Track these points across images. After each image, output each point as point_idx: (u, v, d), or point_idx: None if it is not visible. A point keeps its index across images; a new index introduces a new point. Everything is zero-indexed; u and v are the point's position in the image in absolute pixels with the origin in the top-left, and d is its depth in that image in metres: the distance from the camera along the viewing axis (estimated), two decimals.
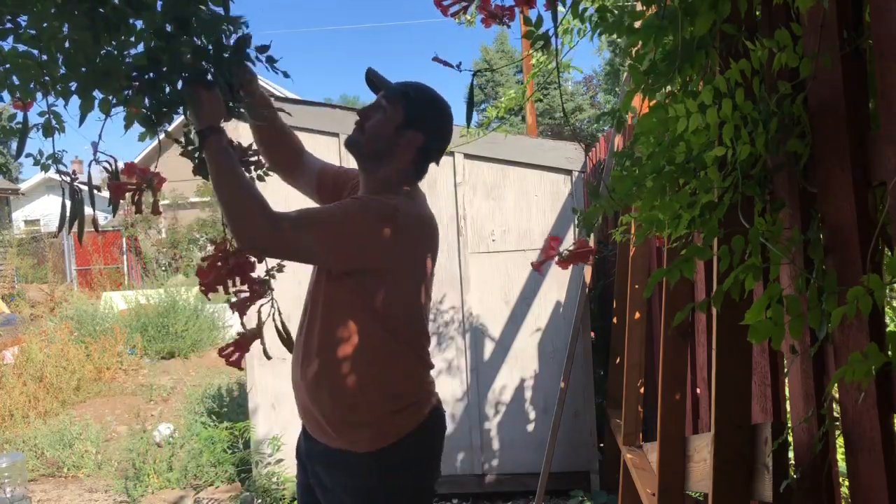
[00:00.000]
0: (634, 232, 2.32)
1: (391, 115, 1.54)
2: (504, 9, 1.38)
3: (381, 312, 1.47)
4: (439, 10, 1.41)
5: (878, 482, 0.94)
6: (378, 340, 1.48)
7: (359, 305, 1.47)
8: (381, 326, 1.48)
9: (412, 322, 1.54)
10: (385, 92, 1.57)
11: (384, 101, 1.55)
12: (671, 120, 1.07)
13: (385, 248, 1.44)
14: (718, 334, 1.32)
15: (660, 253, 2.64)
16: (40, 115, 1.19)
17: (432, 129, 1.57)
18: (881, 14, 0.90)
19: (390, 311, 1.48)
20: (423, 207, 1.57)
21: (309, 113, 3.73)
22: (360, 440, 1.49)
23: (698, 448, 1.76)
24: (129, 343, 7.59)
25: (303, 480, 1.66)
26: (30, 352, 6.57)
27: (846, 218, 0.99)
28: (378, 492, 1.50)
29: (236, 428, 4.04)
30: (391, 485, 1.50)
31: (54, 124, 1.19)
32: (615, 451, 3.17)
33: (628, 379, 2.78)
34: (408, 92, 1.55)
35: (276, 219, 1.38)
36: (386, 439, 1.49)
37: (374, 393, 1.49)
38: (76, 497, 4.25)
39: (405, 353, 1.52)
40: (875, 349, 0.84)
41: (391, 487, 1.50)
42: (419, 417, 1.53)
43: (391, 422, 1.50)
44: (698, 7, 1.12)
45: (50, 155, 1.25)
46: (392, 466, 1.50)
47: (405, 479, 1.52)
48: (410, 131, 1.53)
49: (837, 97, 1.00)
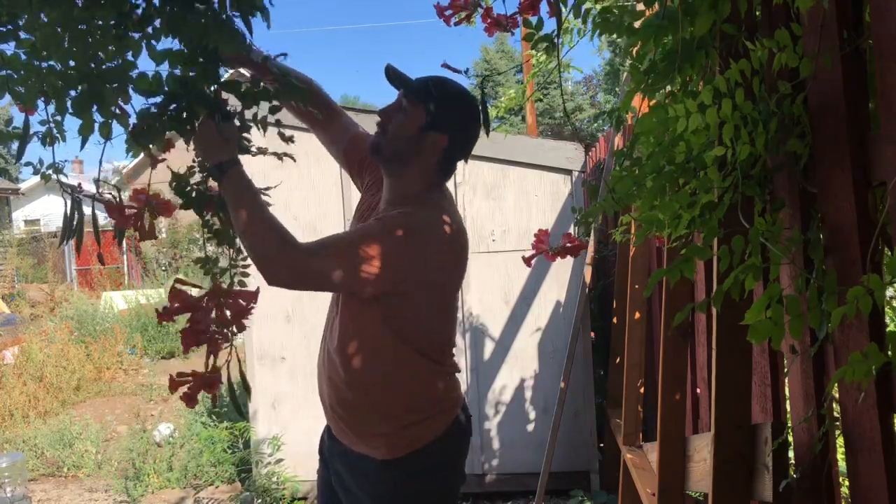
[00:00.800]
0: (634, 232, 2.32)
1: (413, 115, 1.44)
2: (508, 17, 1.37)
3: (403, 326, 1.44)
4: (441, 19, 1.41)
5: (878, 482, 0.94)
6: (399, 354, 1.45)
7: (380, 319, 1.43)
8: (402, 340, 1.45)
9: (437, 334, 1.52)
10: (406, 90, 1.47)
11: (405, 101, 1.46)
12: (671, 120, 1.07)
13: (412, 269, 1.40)
14: (718, 334, 1.32)
15: (660, 253, 2.64)
16: (41, 123, 1.17)
17: (458, 129, 1.48)
18: (881, 14, 0.90)
19: (413, 325, 1.45)
20: (451, 213, 1.49)
21: None
22: (380, 447, 1.48)
23: (698, 448, 1.76)
24: (129, 343, 7.59)
25: (324, 476, 1.65)
26: (30, 352, 6.58)
27: (846, 218, 0.99)
28: (398, 497, 1.49)
29: (236, 428, 4.04)
30: (411, 490, 1.49)
31: (55, 133, 1.18)
32: (615, 451, 3.17)
33: (628, 379, 2.78)
34: (430, 90, 1.45)
35: (303, 252, 1.33)
36: (407, 448, 1.47)
37: (396, 406, 1.47)
38: (76, 497, 4.25)
39: (428, 366, 1.49)
40: (875, 349, 0.84)
41: (411, 493, 1.49)
42: (442, 426, 1.50)
43: (412, 432, 1.48)
44: (698, 7, 1.12)
45: (50, 164, 1.23)
46: (413, 472, 1.48)
47: (427, 485, 1.50)
48: (434, 133, 1.44)
49: (837, 97, 1.00)
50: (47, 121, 1.16)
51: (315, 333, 3.74)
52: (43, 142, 1.18)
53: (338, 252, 1.37)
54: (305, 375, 3.76)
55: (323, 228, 3.72)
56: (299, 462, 3.76)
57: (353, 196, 3.71)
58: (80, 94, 1.11)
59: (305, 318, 3.74)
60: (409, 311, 1.44)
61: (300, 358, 3.75)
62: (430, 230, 1.42)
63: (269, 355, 3.74)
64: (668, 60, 1.22)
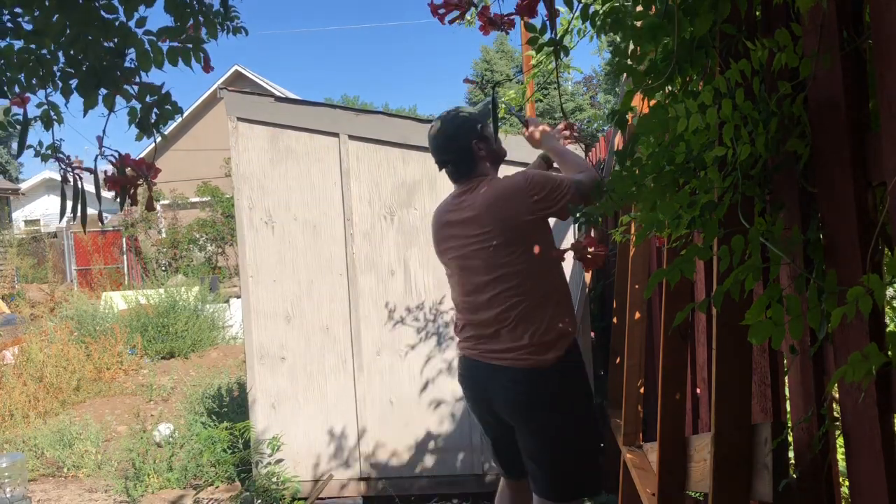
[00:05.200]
0: (634, 232, 2.32)
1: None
2: (503, 17, 1.38)
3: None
4: (435, 17, 1.41)
5: (878, 482, 0.94)
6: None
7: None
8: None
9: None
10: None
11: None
12: (671, 120, 1.07)
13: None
14: (718, 334, 1.32)
15: (660, 253, 2.64)
16: (38, 106, 1.20)
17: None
18: (881, 14, 0.90)
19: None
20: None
21: (309, 113, 3.73)
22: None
23: (698, 448, 1.76)
24: (129, 343, 7.59)
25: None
26: (30, 352, 6.58)
27: (846, 218, 0.99)
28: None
29: (236, 428, 4.04)
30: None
31: (53, 116, 1.20)
32: (615, 451, 3.17)
33: (628, 379, 2.78)
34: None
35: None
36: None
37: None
38: (76, 497, 4.25)
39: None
40: (875, 349, 0.84)
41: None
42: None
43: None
44: (698, 7, 1.12)
45: (49, 145, 1.26)
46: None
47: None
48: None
49: (837, 97, 1.00)
50: (44, 103, 1.19)
51: (315, 333, 3.76)
52: (44, 125, 1.21)
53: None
54: (305, 375, 3.76)
55: (323, 228, 3.72)
56: (299, 462, 3.76)
57: (353, 196, 3.71)
58: (84, 77, 1.13)
59: (305, 318, 3.75)
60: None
61: (300, 358, 3.75)
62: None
63: (269, 355, 3.74)
64: (668, 61, 1.22)
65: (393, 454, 3.76)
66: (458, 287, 2.21)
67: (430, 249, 3.74)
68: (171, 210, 15.21)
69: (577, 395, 2.12)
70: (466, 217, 2.13)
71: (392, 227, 3.73)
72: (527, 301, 2.05)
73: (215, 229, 14.36)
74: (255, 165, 3.74)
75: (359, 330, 3.74)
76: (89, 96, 1.16)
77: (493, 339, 2.10)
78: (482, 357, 2.13)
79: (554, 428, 2.07)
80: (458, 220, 2.16)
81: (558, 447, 2.08)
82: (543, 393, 2.05)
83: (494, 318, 2.08)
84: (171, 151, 17.85)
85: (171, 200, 15.25)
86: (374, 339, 3.75)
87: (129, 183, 1.33)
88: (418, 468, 3.74)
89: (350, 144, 3.69)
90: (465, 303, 2.19)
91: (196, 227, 14.55)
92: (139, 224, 15.00)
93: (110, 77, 1.15)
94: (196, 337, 8.05)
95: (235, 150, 3.75)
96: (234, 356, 7.62)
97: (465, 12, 1.43)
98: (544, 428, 2.07)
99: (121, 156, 1.32)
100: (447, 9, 1.42)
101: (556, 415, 2.06)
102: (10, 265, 15.10)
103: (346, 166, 3.69)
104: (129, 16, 1.19)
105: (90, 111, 1.18)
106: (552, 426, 2.07)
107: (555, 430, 2.07)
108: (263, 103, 3.79)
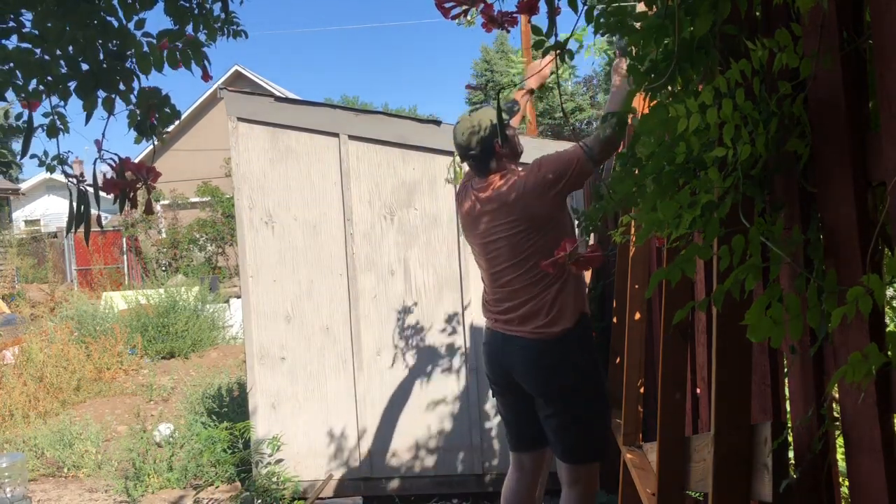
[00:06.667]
0: (634, 232, 2.32)
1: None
2: (505, 14, 1.37)
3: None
4: (440, 11, 1.41)
5: (878, 482, 0.94)
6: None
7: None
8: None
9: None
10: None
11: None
12: (671, 120, 1.07)
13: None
14: (718, 334, 1.32)
15: (660, 253, 2.64)
16: (44, 115, 1.19)
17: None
18: (881, 14, 0.90)
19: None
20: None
21: (309, 113, 3.73)
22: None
23: (698, 448, 1.76)
24: (129, 343, 7.59)
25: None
26: (30, 352, 6.58)
27: (846, 218, 1.00)
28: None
29: (236, 428, 4.05)
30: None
31: (59, 125, 1.20)
32: (615, 451, 3.17)
33: (628, 379, 2.78)
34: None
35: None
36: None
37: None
38: (76, 497, 4.25)
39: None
40: (875, 349, 0.84)
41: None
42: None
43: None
44: (698, 7, 1.12)
45: (55, 156, 1.25)
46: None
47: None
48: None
49: (837, 97, 1.00)
50: (50, 113, 1.19)
51: (315, 333, 3.76)
52: (49, 133, 1.20)
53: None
54: (306, 375, 3.76)
55: (323, 228, 3.72)
56: (299, 462, 3.76)
57: (353, 196, 3.71)
58: (83, 79, 1.13)
59: (305, 318, 3.75)
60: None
61: (300, 358, 3.75)
62: None
63: (269, 355, 3.74)
64: (668, 61, 1.22)
65: (393, 454, 3.76)
66: (485, 267, 2.52)
67: (430, 249, 3.74)
68: (172, 210, 15.21)
69: (588, 361, 2.42)
70: (492, 207, 2.41)
71: (392, 227, 3.73)
72: (545, 280, 2.33)
73: (215, 229, 14.36)
74: (255, 165, 3.74)
75: (359, 330, 3.74)
76: (88, 98, 1.16)
77: (513, 312, 2.40)
78: (505, 329, 2.44)
79: (570, 391, 2.37)
80: (486, 211, 2.43)
81: (575, 409, 2.39)
82: (559, 360, 2.35)
83: (516, 293, 2.39)
84: (171, 151, 17.84)
85: (171, 200, 15.25)
86: (374, 339, 3.75)
87: (129, 187, 1.33)
88: (418, 468, 3.75)
89: (350, 144, 3.69)
90: (492, 281, 2.49)
91: (196, 227, 14.55)
92: (139, 224, 15.00)
93: (109, 79, 1.15)
94: (196, 337, 8.05)
95: (235, 150, 3.75)
96: (234, 356, 7.62)
97: (470, 8, 1.42)
98: (562, 392, 2.37)
99: (120, 159, 1.32)
100: (456, 1, 1.41)
101: (571, 378, 2.36)
102: (10, 265, 15.11)
103: (346, 166, 3.69)
104: (128, 18, 1.19)
105: (92, 117, 1.18)
106: (568, 389, 2.37)
107: (571, 393, 2.37)
108: (263, 103, 3.79)
